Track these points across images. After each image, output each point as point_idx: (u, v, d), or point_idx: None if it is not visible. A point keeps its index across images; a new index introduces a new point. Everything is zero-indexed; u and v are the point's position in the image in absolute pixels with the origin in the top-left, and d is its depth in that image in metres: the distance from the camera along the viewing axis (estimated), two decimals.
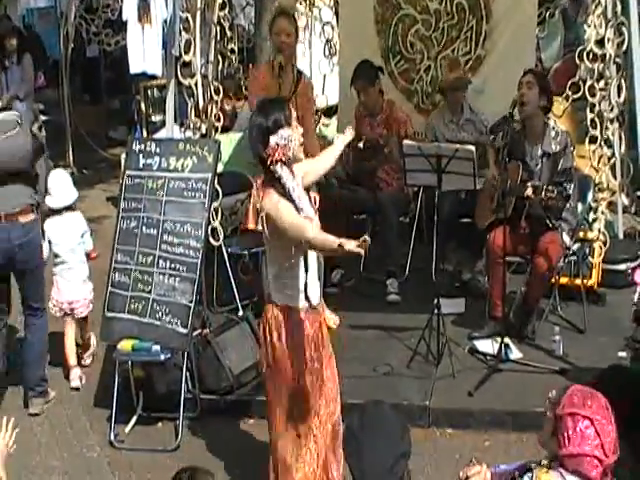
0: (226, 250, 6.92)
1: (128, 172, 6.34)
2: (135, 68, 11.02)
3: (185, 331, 5.86)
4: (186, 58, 6.70)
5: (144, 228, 6.15)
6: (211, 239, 6.47)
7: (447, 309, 6.61)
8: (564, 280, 6.90)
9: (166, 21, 10.14)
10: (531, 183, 6.22)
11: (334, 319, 4.84)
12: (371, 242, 4.18)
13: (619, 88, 6.92)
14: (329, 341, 4.80)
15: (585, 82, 7.09)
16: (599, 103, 6.92)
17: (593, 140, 6.94)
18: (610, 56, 6.87)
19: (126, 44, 11.09)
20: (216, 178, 6.14)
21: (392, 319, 6.94)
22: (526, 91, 6.34)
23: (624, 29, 6.80)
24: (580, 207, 6.88)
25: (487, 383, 6.00)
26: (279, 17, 6.94)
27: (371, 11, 8.83)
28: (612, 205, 7.31)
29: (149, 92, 11.18)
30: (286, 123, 4.60)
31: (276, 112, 4.63)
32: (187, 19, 6.64)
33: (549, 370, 6.07)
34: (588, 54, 6.94)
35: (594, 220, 6.98)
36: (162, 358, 5.88)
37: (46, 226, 6.55)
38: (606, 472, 3.23)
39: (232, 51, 8.42)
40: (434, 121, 7.81)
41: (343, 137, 5.21)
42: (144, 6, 10.77)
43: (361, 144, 7.92)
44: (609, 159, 7.02)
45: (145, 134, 10.59)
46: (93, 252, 7.06)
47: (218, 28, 7.07)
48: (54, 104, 11.70)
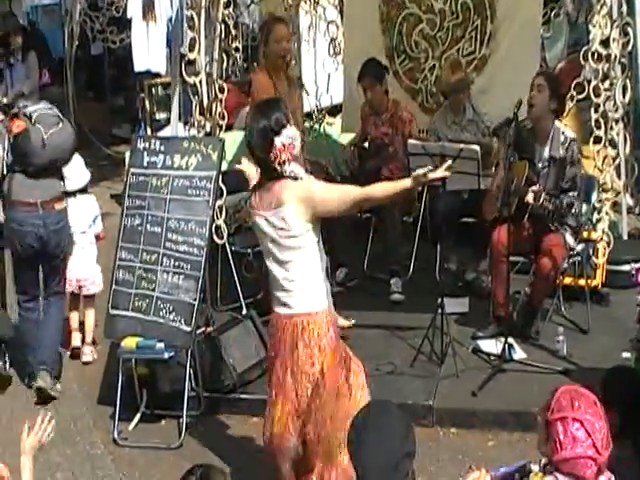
0: (230, 248, 6.92)
1: (132, 170, 6.34)
2: (139, 66, 11.01)
3: (189, 329, 5.86)
4: (190, 56, 6.70)
5: (148, 226, 6.15)
6: (215, 237, 6.46)
7: (451, 309, 6.61)
8: (568, 280, 6.90)
9: (171, 19, 10.15)
10: (532, 188, 6.23)
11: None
12: (375, 241, 4.18)
13: (624, 88, 6.91)
14: None
15: (590, 82, 7.07)
16: (604, 103, 6.91)
17: (597, 140, 6.93)
18: (615, 56, 6.85)
19: (130, 42, 11.08)
20: (220, 176, 6.13)
21: (396, 318, 6.93)
22: (536, 94, 6.33)
23: (629, 29, 6.79)
24: (584, 207, 6.86)
25: (491, 383, 6.01)
26: (277, 24, 6.89)
27: (376, 10, 8.85)
28: (616, 205, 7.30)
29: (153, 90, 11.19)
30: (287, 122, 4.61)
31: (276, 112, 4.64)
32: (192, 17, 6.63)
33: (553, 370, 6.06)
34: (593, 54, 6.93)
35: (598, 220, 6.97)
36: (166, 356, 5.88)
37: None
38: (601, 469, 3.24)
39: (236, 49, 8.41)
40: (437, 122, 7.80)
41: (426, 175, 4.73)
42: (149, 4, 10.76)
43: (366, 143, 7.96)
44: (613, 159, 7.00)
45: (149, 132, 10.59)
46: (102, 233, 7.13)
47: (222, 26, 7.05)
48: (58, 102, 11.68)
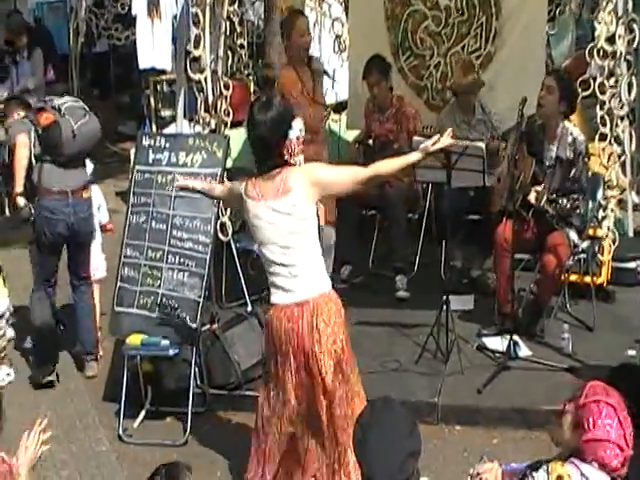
0: (235, 245, 6.92)
1: (137, 167, 6.35)
2: (144, 63, 11.02)
3: (194, 326, 5.87)
4: (196, 53, 6.70)
5: (153, 223, 6.17)
6: (220, 234, 6.48)
7: (456, 306, 6.59)
8: (573, 278, 6.89)
9: (175, 16, 10.14)
10: (535, 188, 6.22)
11: None
12: (380, 238, 4.20)
13: (629, 85, 6.91)
14: None
15: (595, 79, 7.06)
16: (609, 100, 6.90)
17: (603, 138, 6.92)
18: (620, 53, 6.85)
19: (135, 39, 11.08)
20: (225, 173, 6.14)
21: (401, 315, 6.93)
22: (545, 94, 6.32)
23: (635, 26, 6.79)
24: (590, 205, 6.86)
25: (496, 380, 6.00)
26: (297, 18, 6.88)
27: (381, 7, 8.82)
28: (622, 203, 7.30)
29: (158, 87, 11.20)
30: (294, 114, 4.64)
31: (285, 106, 4.65)
32: (197, 14, 6.64)
33: (558, 368, 6.06)
34: (598, 51, 6.92)
35: (604, 218, 6.96)
36: (171, 353, 5.88)
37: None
38: (624, 464, 3.24)
39: (241, 46, 8.42)
40: (445, 120, 7.75)
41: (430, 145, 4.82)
42: (154, 1, 10.77)
43: (370, 140, 7.95)
44: (619, 157, 7.00)
45: (154, 129, 10.60)
46: (109, 224, 7.18)
47: (227, 23, 7.06)
48: None
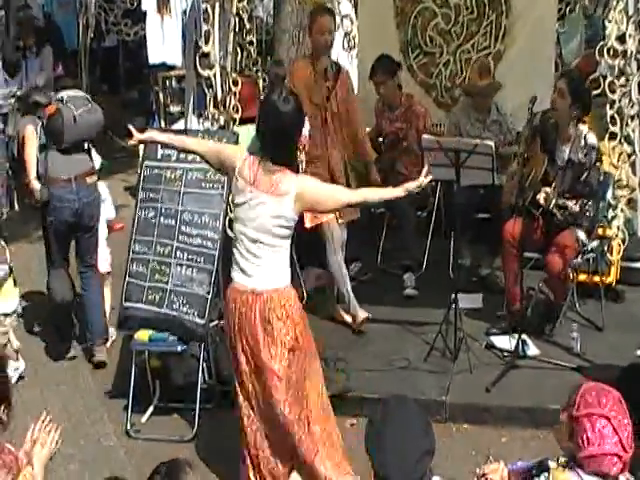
0: None
1: (146, 163, 6.36)
2: (154, 58, 11.01)
3: (202, 322, 5.87)
4: (205, 49, 6.70)
5: (162, 219, 6.17)
6: (229, 230, 6.45)
7: (464, 304, 6.59)
8: (582, 277, 6.88)
9: (185, 12, 10.14)
10: (544, 189, 6.22)
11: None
12: (388, 236, 4.22)
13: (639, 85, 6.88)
14: None
15: (605, 78, 7.03)
16: (619, 100, 6.86)
17: (613, 137, 6.88)
18: (631, 52, 6.81)
19: (145, 34, 11.08)
20: None
21: (409, 313, 6.93)
22: (557, 98, 6.33)
23: None
24: (600, 205, 6.85)
25: (504, 379, 6.00)
26: (322, 15, 6.84)
27: (390, 4, 8.81)
28: (632, 202, 7.25)
29: (167, 83, 11.18)
30: None
31: (299, 103, 4.73)
32: (207, 10, 6.63)
33: (566, 367, 6.06)
34: (609, 50, 6.89)
35: (613, 217, 6.91)
36: (179, 348, 5.90)
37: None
38: (624, 466, 3.22)
39: (251, 43, 8.40)
40: (459, 116, 7.72)
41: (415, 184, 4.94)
42: None
43: (380, 138, 7.94)
44: (629, 156, 6.95)
45: (163, 125, 10.59)
46: (117, 224, 7.27)
47: (237, 19, 7.04)
48: None
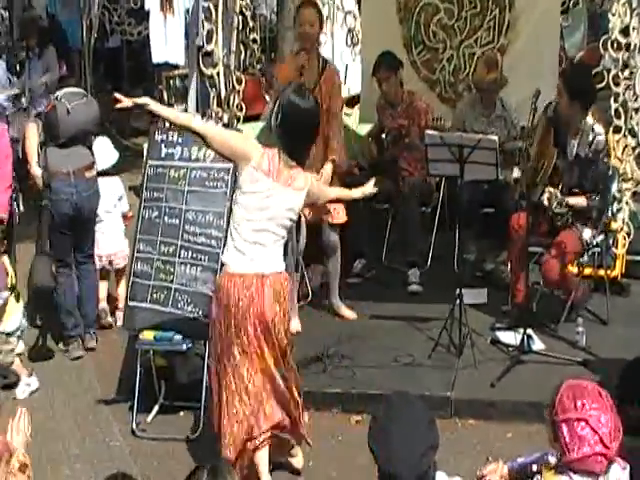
0: None
1: (150, 162, 6.35)
2: (157, 57, 11.04)
3: (207, 320, 5.86)
4: (208, 48, 6.69)
5: (166, 218, 6.16)
6: None
7: (469, 299, 6.58)
8: (588, 271, 6.85)
9: (188, 10, 10.14)
10: (548, 189, 6.21)
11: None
12: (393, 232, 4.24)
13: None
14: None
15: (609, 71, 7.02)
16: (623, 93, 6.85)
17: (617, 130, 6.86)
18: (635, 45, 6.78)
19: (148, 34, 11.10)
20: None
21: (414, 309, 6.92)
22: (558, 98, 6.35)
23: None
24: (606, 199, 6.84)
25: (509, 374, 5.98)
26: (303, 7, 6.88)
27: (393, 0, 8.80)
28: (636, 195, 7.24)
29: (171, 82, 11.19)
30: None
31: (316, 100, 5.06)
32: (209, 8, 6.63)
33: (572, 361, 6.04)
34: (612, 43, 6.87)
35: (618, 210, 6.90)
36: (184, 347, 5.88)
37: None
38: (611, 460, 3.23)
39: (254, 41, 8.40)
40: (465, 110, 7.71)
41: (364, 190, 5.46)
42: None
43: (383, 134, 7.93)
44: (633, 149, 6.93)
45: (167, 124, 10.58)
46: (129, 213, 7.36)
47: (240, 17, 7.04)
48: None
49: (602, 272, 6.80)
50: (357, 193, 5.50)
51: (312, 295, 7.01)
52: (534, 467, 3.55)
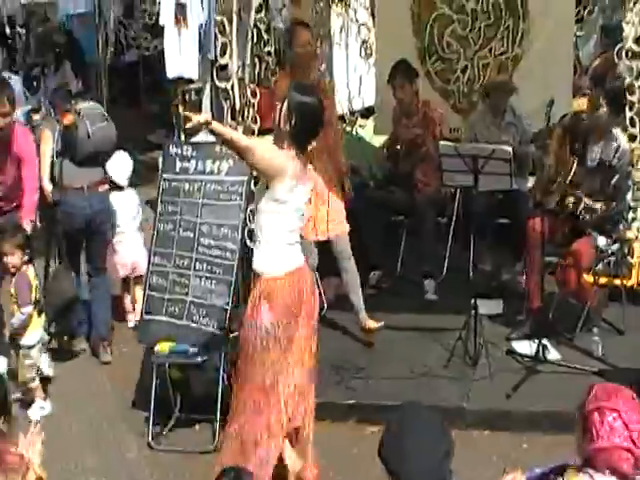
0: None
1: (165, 175, 6.38)
2: (172, 72, 11.05)
3: (222, 333, 5.88)
4: (222, 61, 6.72)
5: (181, 231, 6.19)
6: (248, 241, 6.47)
7: (485, 310, 6.57)
8: (603, 280, 6.82)
9: (202, 25, 10.17)
10: (575, 193, 6.21)
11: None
12: (408, 243, 4.23)
13: None
14: None
15: (624, 80, 7.01)
16: (638, 101, 6.85)
17: (632, 138, 6.86)
18: None
19: (163, 48, 11.14)
20: (252, 180, 6.15)
21: (429, 320, 6.91)
22: (588, 104, 6.45)
23: None
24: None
25: (525, 385, 5.96)
26: (300, 29, 6.80)
27: (407, 11, 8.83)
28: None
29: (187, 96, 11.21)
30: None
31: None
32: (222, 22, 6.65)
33: (588, 371, 6.01)
34: (627, 52, 6.87)
35: (633, 219, 6.90)
36: (199, 360, 5.90)
37: (111, 199, 7.24)
38: (637, 464, 3.20)
39: (269, 53, 8.42)
40: (475, 123, 7.74)
41: None
42: (181, 10, 10.82)
43: (398, 146, 7.94)
44: None
45: (183, 137, 10.62)
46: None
47: (254, 31, 7.06)
48: None
49: (618, 281, 6.77)
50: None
51: (326, 308, 7.01)
52: (551, 476, 3.52)
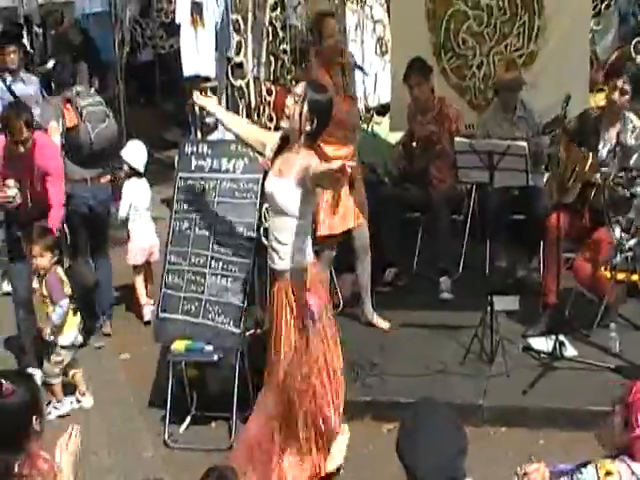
0: None
1: (180, 174, 6.39)
2: (189, 70, 11.07)
3: (237, 331, 5.89)
4: (237, 59, 6.72)
5: (196, 229, 6.20)
6: (263, 239, 6.48)
7: (501, 306, 6.55)
8: (621, 276, 6.78)
9: (217, 23, 10.18)
10: (602, 169, 6.20)
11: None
12: (424, 240, 4.24)
13: None
14: None
15: None
16: None
17: None
18: None
19: (179, 47, 11.15)
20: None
21: (445, 317, 6.89)
22: (617, 96, 6.39)
23: None
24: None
25: (541, 381, 5.95)
26: (327, 20, 6.79)
27: (422, 8, 8.79)
28: None
29: (203, 94, 11.22)
30: None
31: None
32: (237, 20, 6.66)
33: (605, 368, 5.99)
34: None
35: None
36: (215, 358, 5.91)
37: (128, 186, 7.75)
38: None
39: (285, 51, 8.42)
40: (487, 120, 7.70)
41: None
42: (197, 9, 10.83)
43: (413, 142, 7.92)
44: None
45: (199, 136, 10.65)
46: None
47: (270, 29, 7.06)
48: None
49: (636, 277, 6.73)
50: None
51: (343, 305, 7.01)
52: (575, 472, 3.51)
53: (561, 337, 6.19)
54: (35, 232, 6.34)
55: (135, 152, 7.91)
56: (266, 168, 5.37)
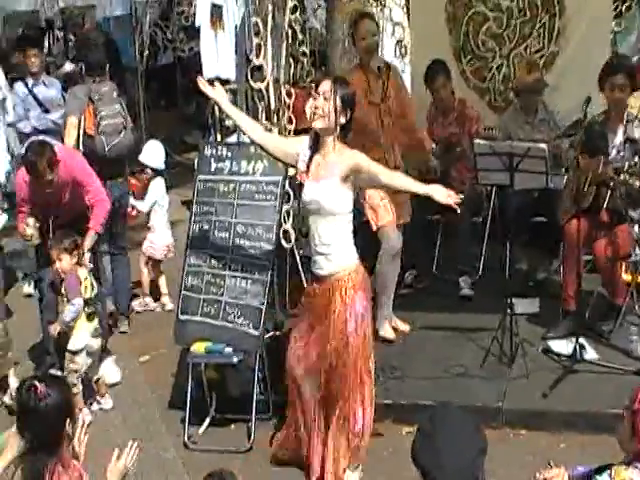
0: (298, 252, 6.93)
1: (200, 176, 6.41)
2: (209, 73, 11.09)
3: (257, 333, 5.89)
4: (257, 62, 6.73)
5: (216, 231, 6.21)
6: (283, 241, 6.49)
7: (521, 309, 6.55)
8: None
9: (237, 26, 10.21)
10: (614, 164, 6.19)
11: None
12: (444, 243, 4.22)
13: None
14: None
15: None
16: None
17: None
18: None
19: (199, 50, 11.19)
20: (287, 181, 6.16)
21: (465, 319, 6.88)
22: (618, 94, 6.40)
23: None
24: None
25: (562, 384, 5.93)
26: (361, 20, 6.79)
27: (442, 10, 8.78)
28: None
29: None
30: None
31: None
32: (257, 23, 6.67)
33: (625, 371, 5.96)
34: None
35: None
36: (235, 360, 5.91)
37: (154, 184, 8.06)
38: None
39: (304, 54, 8.43)
40: (508, 122, 7.68)
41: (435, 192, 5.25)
42: (217, 12, 10.86)
43: (434, 144, 7.91)
44: None
45: (219, 138, 10.68)
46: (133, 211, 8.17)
47: (290, 31, 7.07)
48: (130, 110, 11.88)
49: None
50: (425, 190, 5.37)
51: None
52: (591, 473, 3.50)
53: (581, 340, 6.17)
54: (55, 237, 6.35)
55: (153, 153, 8.11)
56: (303, 181, 5.24)
